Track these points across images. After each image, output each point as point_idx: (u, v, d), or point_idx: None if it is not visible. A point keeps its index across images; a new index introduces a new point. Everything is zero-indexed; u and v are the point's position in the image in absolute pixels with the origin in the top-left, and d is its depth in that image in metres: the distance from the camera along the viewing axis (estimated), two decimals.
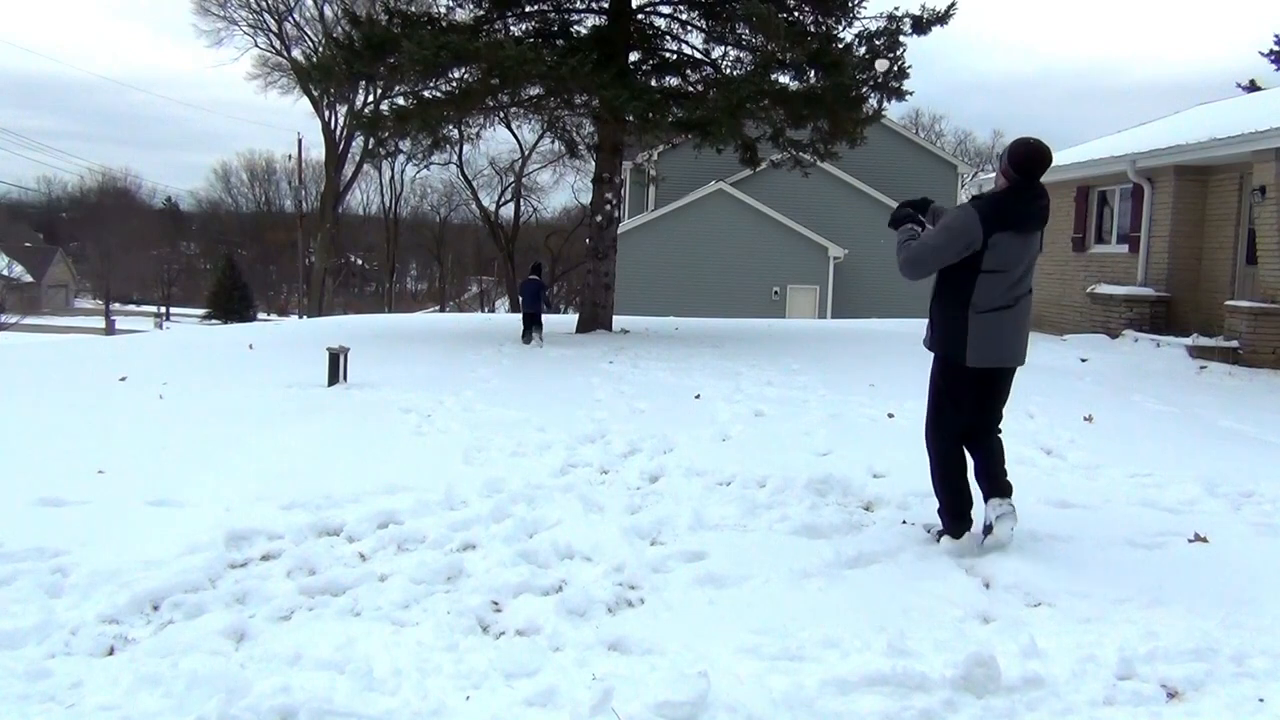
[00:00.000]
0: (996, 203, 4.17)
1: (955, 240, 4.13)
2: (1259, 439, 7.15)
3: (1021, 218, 4.15)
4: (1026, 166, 4.17)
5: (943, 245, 4.17)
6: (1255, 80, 26.06)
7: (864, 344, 13.06)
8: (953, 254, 4.15)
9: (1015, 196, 4.17)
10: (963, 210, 4.20)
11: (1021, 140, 4.27)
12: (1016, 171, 4.19)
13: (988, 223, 4.09)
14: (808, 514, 4.75)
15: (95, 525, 4.40)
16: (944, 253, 4.17)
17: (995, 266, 4.13)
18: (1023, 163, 4.17)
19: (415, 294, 73.19)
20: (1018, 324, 4.27)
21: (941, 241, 4.17)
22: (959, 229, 4.13)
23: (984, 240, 4.09)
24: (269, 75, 45.24)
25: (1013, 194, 4.18)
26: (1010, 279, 4.19)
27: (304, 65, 20.09)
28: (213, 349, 12.27)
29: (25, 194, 66.98)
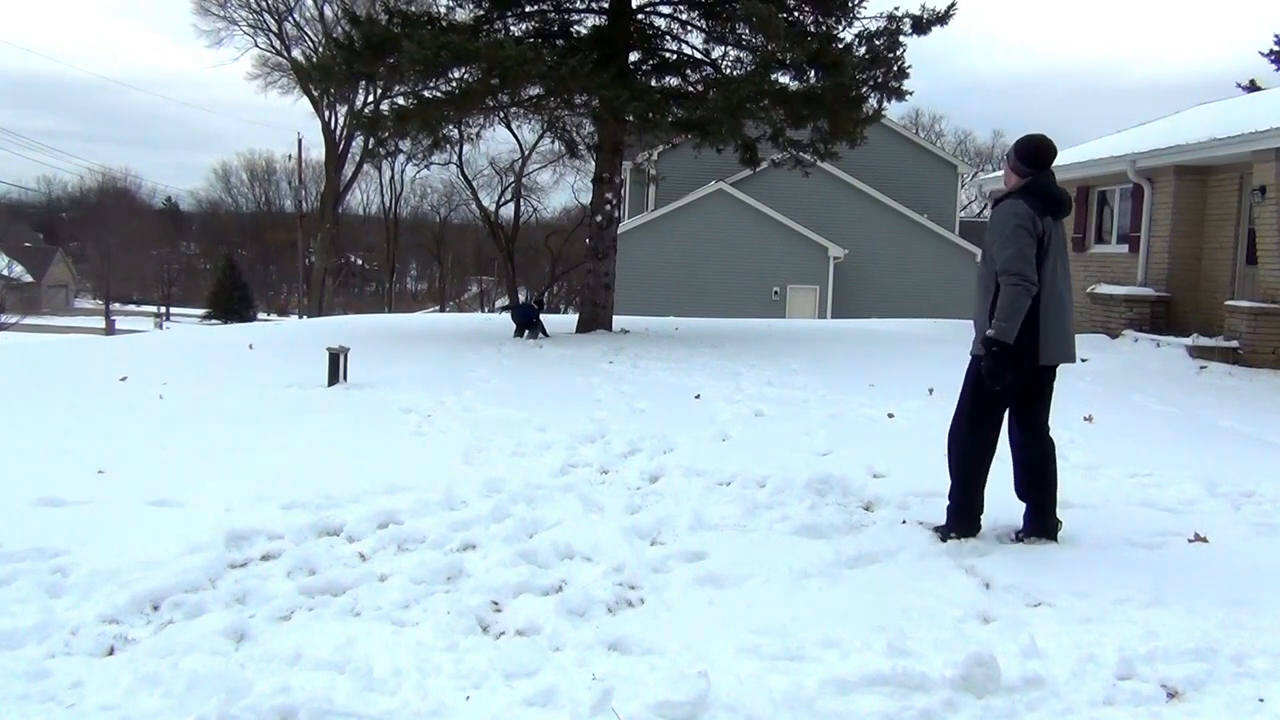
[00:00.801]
0: (1029, 192, 4.23)
1: (1028, 233, 4.13)
2: (1259, 439, 7.15)
3: (1056, 201, 4.26)
4: (1037, 158, 4.28)
5: (1025, 243, 4.12)
6: (1255, 80, 26.07)
7: (864, 344, 13.06)
8: (1034, 247, 4.13)
9: (1041, 185, 4.26)
10: (1008, 208, 4.21)
11: (1026, 136, 4.38)
12: (1029, 165, 4.29)
13: (1036, 207, 4.18)
14: (808, 514, 4.76)
15: (95, 525, 4.40)
16: (1029, 249, 4.12)
17: (1050, 257, 4.21)
18: (1034, 155, 4.29)
19: (415, 294, 73.20)
20: (1072, 318, 4.37)
21: (1023, 241, 4.12)
22: (1024, 220, 4.14)
23: (1042, 225, 4.17)
24: (269, 75, 45.28)
25: (1037, 183, 4.27)
26: (1062, 270, 4.29)
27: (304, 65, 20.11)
28: (213, 349, 12.27)
29: (25, 194, 67.09)
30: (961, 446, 4.44)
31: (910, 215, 29.67)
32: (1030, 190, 4.27)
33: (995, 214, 4.31)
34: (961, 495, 4.40)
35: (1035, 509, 4.47)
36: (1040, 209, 4.20)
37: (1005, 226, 4.19)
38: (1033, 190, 4.26)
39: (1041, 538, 4.43)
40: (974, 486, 4.39)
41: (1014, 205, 4.21)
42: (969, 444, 4.42)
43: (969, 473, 4.40)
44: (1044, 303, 4.23)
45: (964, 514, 4.38)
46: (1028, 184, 4.29)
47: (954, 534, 4.35)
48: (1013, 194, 4.29)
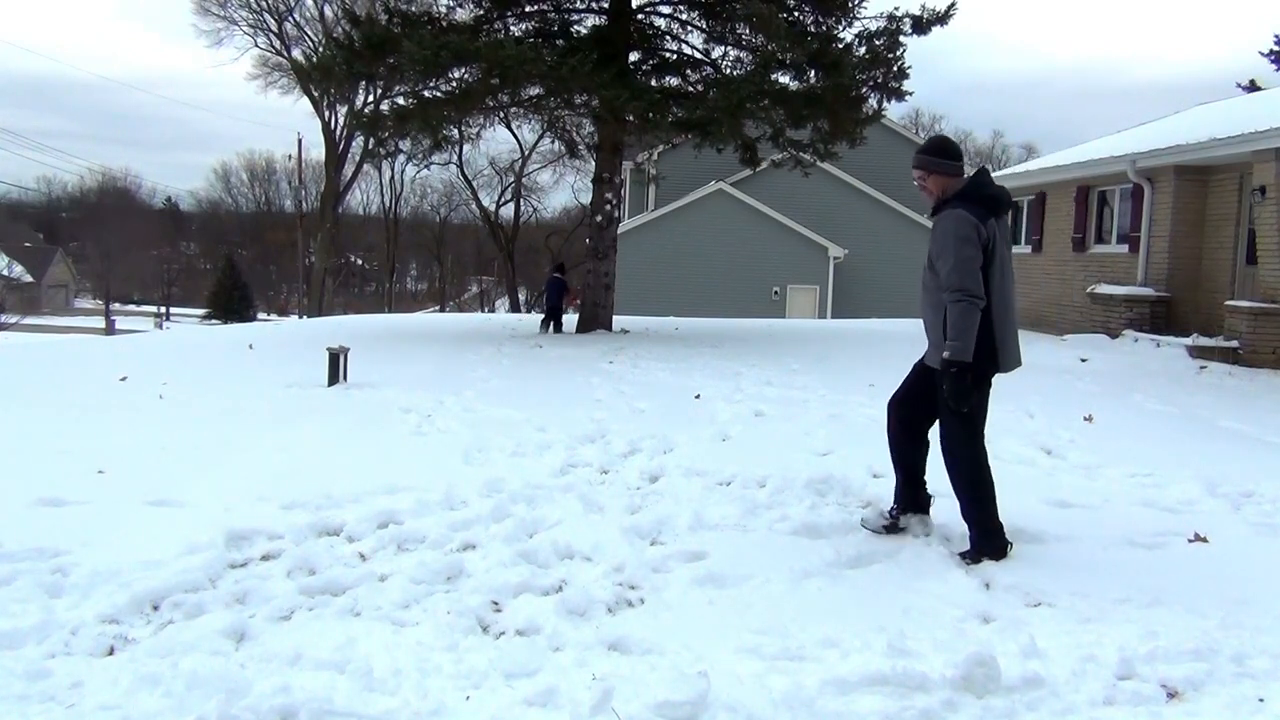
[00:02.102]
0: (968, 197, 4.07)
1: (973, 244, 3.97)
2: (1259, 439, 7.15)
3: (996, 201, 4.12)
4: (958, 153, 4.21)
5: (971, 255, 3.96)
6: (1255, 80, 26.06)
7: (864, 344, 13.06)
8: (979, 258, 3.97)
9: (978, 186, 4.12)
10: (951, 218, 4.03)
11: (937, 137, 4.32)
12: (956, 159, 4.18)
13: (978, 213, 4.03)
14: (808, 514, 4.76)
15: (95, 525, 4.40)
16: (974, 262, 3.96)
17: (997, 261, 4.08)
18: (953, 148, 4.22)
19: (415, 294, 73.19)
20: (1017, 322, 4.28)
21: (967, 253, 3.96)
22: (968, 230, 3.97)
23: (986, 230, 4.02)
24: (269, 75, 45.31)
25: (975, 186, 4.13)
26: (1009, 272, 4.16)
27: (304, 65, 20.10)
28: (213, 349, 12.27)
29: (25, 194, 67.10)
30: (964, 464, 4.22)
31: (910, 215, 29.67)
32: (968, 195, 4.08)
33: (938, 223, 4.09)
34: (980, 514, 4.19)
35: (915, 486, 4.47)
36: (982, 214, 4.03)
37: (948, 238, 4.00)
38: (971, 195, 4.08)
39: (917, 512, 4.45)
40: (990, 500, 4.20)
41: (956, 214, 4.02)
42: (971, 458, 4.22)
43: (981, 487, 4.21)
44: (996, 311, 4.08)
45: (990, 533, 4.19)
46: (965, 189, 4.12)
47: (986, 557, 4.13)
48: (950, 201, 4.11)
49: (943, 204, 4.15)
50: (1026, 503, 5.07)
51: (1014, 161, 51.21)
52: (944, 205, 4.13)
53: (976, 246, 3.98)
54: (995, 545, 4.17)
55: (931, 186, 4.20)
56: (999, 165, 52.12)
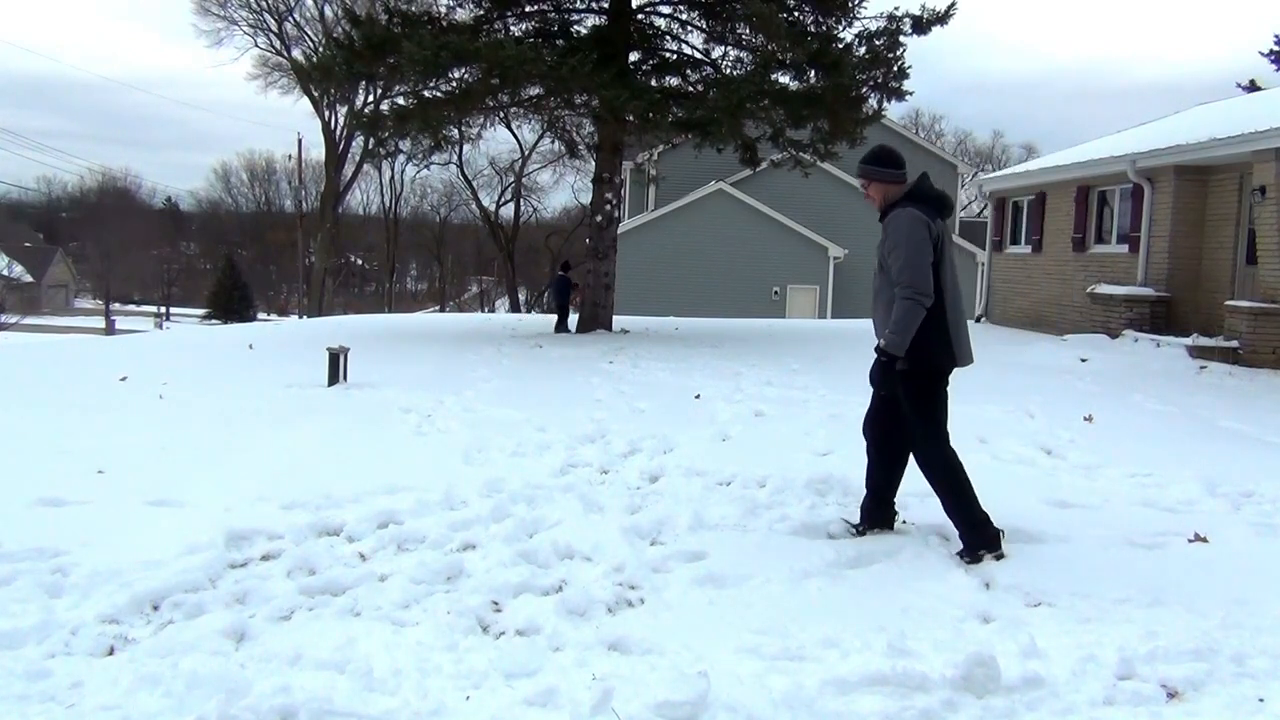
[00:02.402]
0: (916, 197, 4.19)
1: (921, 240, 4.06)
2: (1259, 439, 7.15)
3: (941, 202, 4.24)
4: (901, 161, 4.29)
5: (923, 255, 4.06)
6: (1255, 80, 26.05)
7: (864, 344, 13.02)
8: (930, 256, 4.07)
9: (924, 188, 4.23)
10: (903, 217, 4.11)
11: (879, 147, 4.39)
12: (898, 167, 4.27)
13: (927, 212, 4.14)
14: (808, 514, 4.76)
15: (95, 525, 4.40)
16: (926, 260, 4.06)
17: (946, 259, 4.17)
18: (897, 157, 4.29)
19: (415, 294, 73.19)
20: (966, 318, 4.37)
21: (921, 253, 4.05)
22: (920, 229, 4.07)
23: (935, 229, 4.12)
24: (269, 75, 45.31)
25: (921, 187, 4.23)
26: (955, 270, 4.25)
27: (304, 65, 20.11)
28: (213, 349, 12.28)
29: (25, 194, 67.07)
30: (935, 465, 4.26)
31: None
32: (916, 196, 4.20)
33: (890, 223, 4.15)
34: (962, 510, 4.23)
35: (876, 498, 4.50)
36: (931, 212, 4.14)
37: (901, 236, 4.08)
38: (918, 195, 4.20)
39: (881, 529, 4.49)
40: (968, 494, 4.23)
41: (908, 212, 4.11)
42: (940, 457, 4.25)
43: (957, 484, 4.24)
44: (950, 309, 4.16)
45: (979, 527, 4.21)
46: (913, 190, 4.22)
47: (982, 549, 4.15)
48: (899, 202, 4.19)
49: (889, 208, 4.24)
50: (1026, 503, 5.07)
51: (1014, 161, 51.18)
52: (891, 208, 4.22)
53: (929, 244, 4.08)
54: (986, 536, 4.20)
55: (874, 194, 4.31)
56: (999, 165, 52.11)
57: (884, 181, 4.26)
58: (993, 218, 18.54)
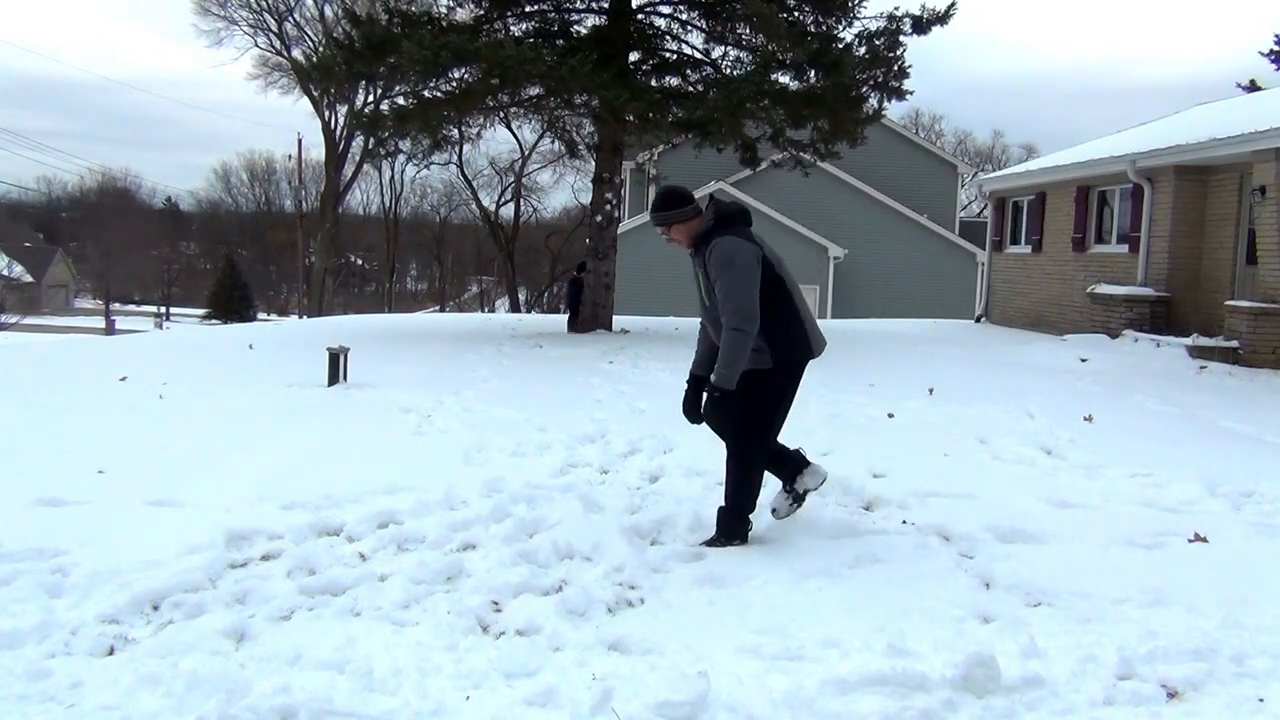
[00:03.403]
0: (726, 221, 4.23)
1: (747, 265, 4.12)
2: (1259, 439, 7.15)
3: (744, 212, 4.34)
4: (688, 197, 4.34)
5: (751, 282, 4.12)
6: (1255, 80, 26.04)
7: (864, 344, 13.06)
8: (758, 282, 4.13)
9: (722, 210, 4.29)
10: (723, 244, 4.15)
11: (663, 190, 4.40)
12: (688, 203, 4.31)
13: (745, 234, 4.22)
14: (808, 514, 4.75)
15: (95, 525, 4.41)
16: (755, 288, 4.11)
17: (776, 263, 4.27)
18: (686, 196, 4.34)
19: (415, 294, 73.16)
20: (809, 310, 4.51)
21: (741, 276, 4.10)
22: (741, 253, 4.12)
23: (754, 243, 4.20)
24: (269, 75, 45.25)
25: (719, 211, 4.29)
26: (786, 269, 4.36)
27: (304, 65, 20.10)
28: (213, 349, 12.27)
29: (25, 194, 67.04)
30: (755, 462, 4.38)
31: (910, 215, 29.68)
32: (725, 221, 4.22)
33: (712, 254, 4.14)
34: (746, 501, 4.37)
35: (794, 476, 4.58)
36: (746, 231, 4.21)
37: (726, 263, 4.10)
38: (725, 219, 4.22)
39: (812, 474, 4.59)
40: (755, 492, 4.41)
41: (728, 240, 4.14)
42: (760, 456, 4.40)
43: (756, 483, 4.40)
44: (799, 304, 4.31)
45: (744, 518, 4.39)
46: (720, 218, 4.23)
47: (738, 541, 4.34)
48: (711, 233, 4.21)
49: (701, 240, 4.26)
50: (1026, 503, 5.08)
51: (1014, 161, 51.15)
52: (704, 240, 4.24)
53: (755, 268, 4.11)
54: (742, 529, 4.37)
55: (678, 236, 4.32)
56: (999, 165, 52.11)
57: (682, 220, 4.30)
58: (993, 218, 18.54)
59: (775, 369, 4.29)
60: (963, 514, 4.78)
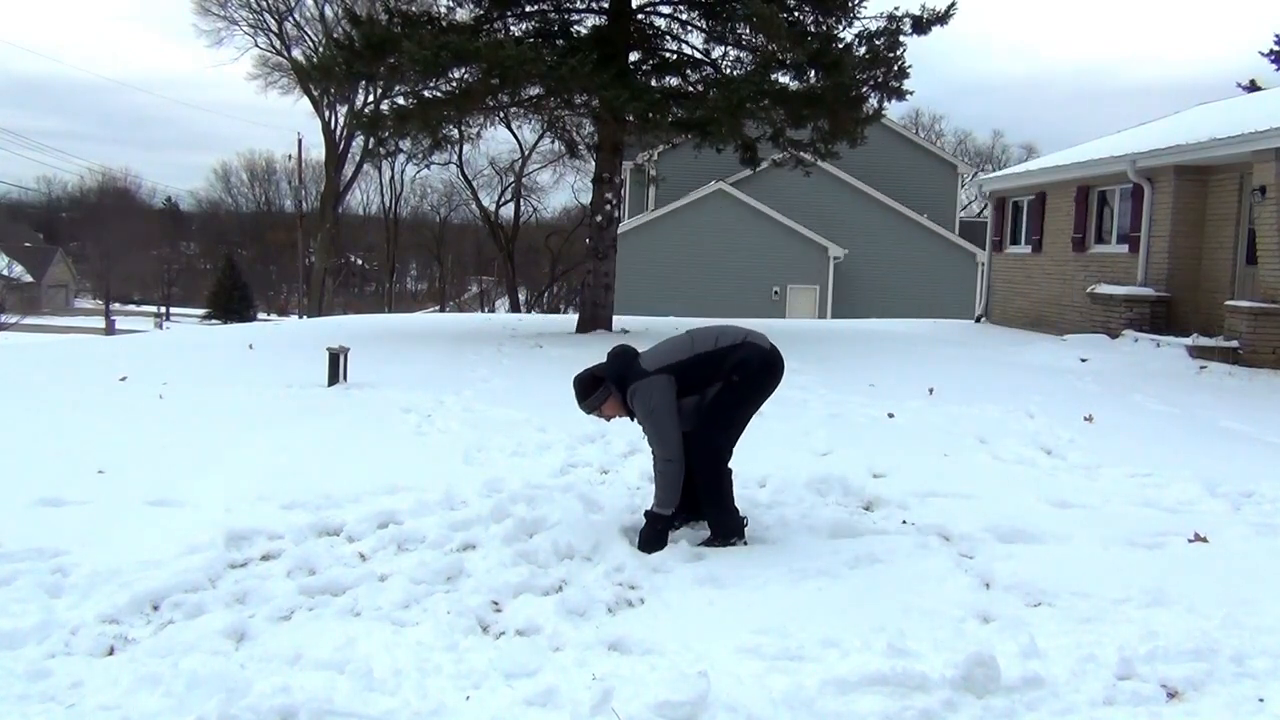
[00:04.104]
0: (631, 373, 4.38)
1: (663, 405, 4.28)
2: (1259, 439, 7.15)
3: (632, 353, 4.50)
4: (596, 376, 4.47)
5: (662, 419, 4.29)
6: (1255, 80, 26.04)
7: (864, 344, 13.06)
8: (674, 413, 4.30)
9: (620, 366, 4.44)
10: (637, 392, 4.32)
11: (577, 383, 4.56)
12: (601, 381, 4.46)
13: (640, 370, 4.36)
14: (808, 514, 4.76)
15: (95, 525, 4.41)
16: (670, 422, 4.29)
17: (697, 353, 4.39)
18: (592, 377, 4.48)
19: (415, 294, 73.16)
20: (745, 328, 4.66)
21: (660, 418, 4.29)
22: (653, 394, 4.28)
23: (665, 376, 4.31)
24: (269, 75, 45.20)
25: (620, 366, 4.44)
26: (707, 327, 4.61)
27: (304, 65, 20.11)
28: (213, 349, 12.27)
29: (25, 194, 66.99)
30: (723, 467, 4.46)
31: (910, 215, 29.68)
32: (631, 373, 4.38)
33: (636, 403, 4.35)
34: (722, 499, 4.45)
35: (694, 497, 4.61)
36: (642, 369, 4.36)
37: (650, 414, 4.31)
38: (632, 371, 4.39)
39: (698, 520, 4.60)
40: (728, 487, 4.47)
41: (641, 386, 4.32)
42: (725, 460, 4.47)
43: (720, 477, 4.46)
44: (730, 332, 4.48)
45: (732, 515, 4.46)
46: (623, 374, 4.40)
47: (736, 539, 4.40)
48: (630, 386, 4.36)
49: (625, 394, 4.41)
50: (1026, 503, 5.08)
51: (1014, 161, 51.14)
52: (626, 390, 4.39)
53: (668, 406, 4.29)
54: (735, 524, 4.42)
55: (610, 410, 4.50)
56: (999, 165, 52.10)
57: (609, 396, 4.44)
58: (993, 218, 18.54)
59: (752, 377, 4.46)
60: (963, 514, 4.78)
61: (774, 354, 4.52)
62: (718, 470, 4.43)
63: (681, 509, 4.66)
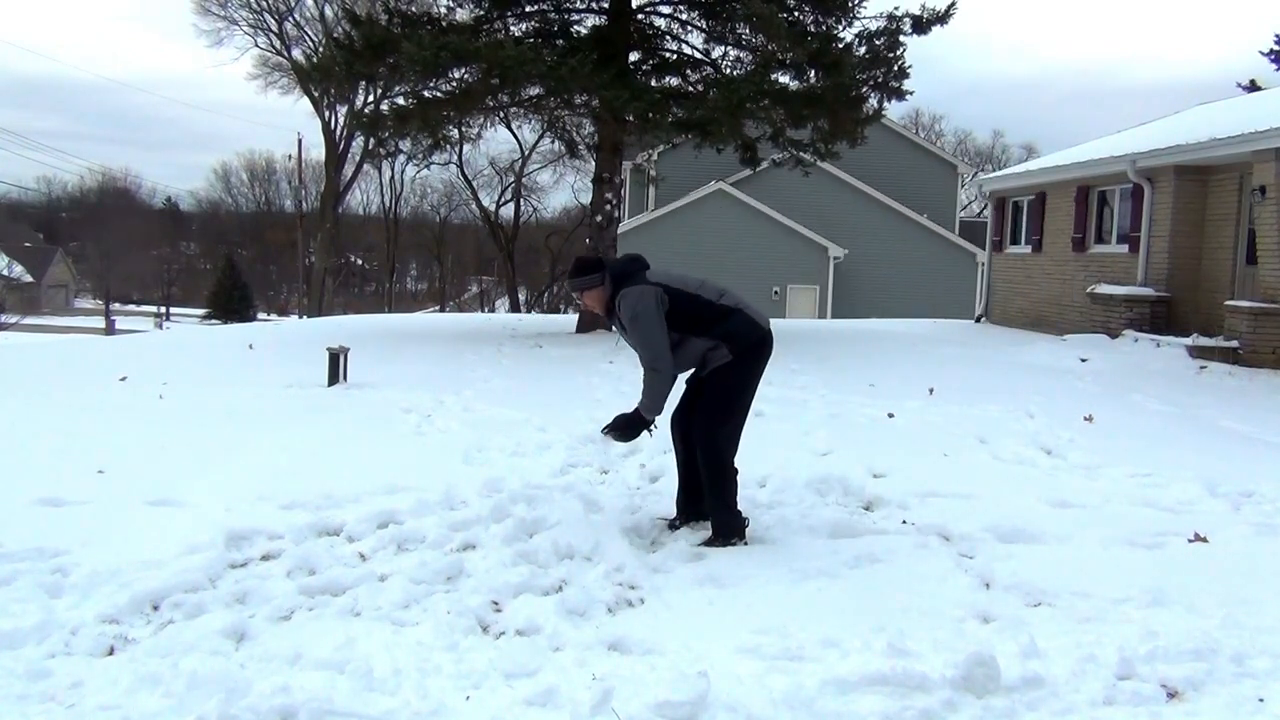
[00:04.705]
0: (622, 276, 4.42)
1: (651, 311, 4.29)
2: (1259, 439, 7.15)
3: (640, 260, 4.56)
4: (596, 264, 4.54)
5: (650, 325, 4.29)
6: (1255, 80, 26.04)
7: (864, 344, 13.06)
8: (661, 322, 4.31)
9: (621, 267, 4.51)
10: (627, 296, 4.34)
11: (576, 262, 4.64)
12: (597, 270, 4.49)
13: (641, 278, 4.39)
14: (807, 514, 4.76)
15: (95, 525, 4.41)
16: (658, 329, 4.30)
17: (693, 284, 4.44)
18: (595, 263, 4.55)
19: (415, 294, 73.15)
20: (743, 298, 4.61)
21: (647, 325, 4.29)
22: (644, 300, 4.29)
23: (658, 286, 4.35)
24: (269, 75, 45.22)
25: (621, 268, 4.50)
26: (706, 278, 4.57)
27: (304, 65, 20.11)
28: (213, 349, 12.27)
29: (25, 194, 66.99)
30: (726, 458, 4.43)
31: (910, 215, 29.68)
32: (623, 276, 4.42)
33: (622, 305, 4.36)
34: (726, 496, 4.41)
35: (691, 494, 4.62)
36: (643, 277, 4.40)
37: (635, 315, 4.32)
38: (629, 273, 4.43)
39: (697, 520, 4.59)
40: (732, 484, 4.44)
41: (633, 291, 4.34)
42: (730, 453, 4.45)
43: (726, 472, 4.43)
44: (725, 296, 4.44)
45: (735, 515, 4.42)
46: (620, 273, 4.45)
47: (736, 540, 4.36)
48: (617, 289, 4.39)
49: (613, 296, 4.43)
50: (1026, 503, 5.08)
51: (1014, 161, 51.12)
52: (616, 294, 4.41)
53: (657, 312, 4.30)
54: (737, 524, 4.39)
55: (590, 302, 4.56)
56: (999, 165, 52.08)
57: (593, 287, 4.47)
58: (993, 218, 18.54)
59: (738, 358, 4.42)
60: (963, 514, 4.78)
61: (766, 330, 4.50)
62: (722, 467, 4.41)
63: (682, 510, 4.67)
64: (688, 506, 4.64)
